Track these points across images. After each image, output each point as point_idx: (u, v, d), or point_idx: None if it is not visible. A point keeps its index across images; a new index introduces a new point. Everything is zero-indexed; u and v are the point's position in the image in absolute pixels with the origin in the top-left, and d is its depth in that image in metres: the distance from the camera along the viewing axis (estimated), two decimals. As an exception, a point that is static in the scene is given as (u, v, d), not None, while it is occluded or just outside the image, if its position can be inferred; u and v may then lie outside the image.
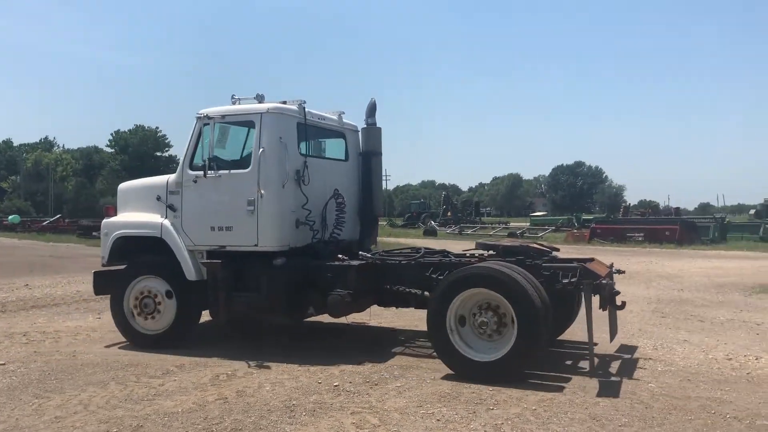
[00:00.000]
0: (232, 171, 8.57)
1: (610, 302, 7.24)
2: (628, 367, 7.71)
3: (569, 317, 8.51)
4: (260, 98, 8.58)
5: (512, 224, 54.04)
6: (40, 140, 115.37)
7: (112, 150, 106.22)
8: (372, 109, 9.47)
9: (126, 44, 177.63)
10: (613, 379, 7.19)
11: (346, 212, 9.07)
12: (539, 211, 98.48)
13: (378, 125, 9.57)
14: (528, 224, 55.18)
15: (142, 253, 9.09)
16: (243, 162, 8.75)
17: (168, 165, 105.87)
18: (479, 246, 8.51)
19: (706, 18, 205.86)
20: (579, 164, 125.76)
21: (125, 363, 8.03)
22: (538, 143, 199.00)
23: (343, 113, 9.62)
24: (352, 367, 7.68)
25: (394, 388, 6.89)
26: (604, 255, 16.29)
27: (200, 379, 7.27)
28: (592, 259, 8.10)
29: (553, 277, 7.44)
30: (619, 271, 8.40)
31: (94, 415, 6.06)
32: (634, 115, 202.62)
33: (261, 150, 8.24)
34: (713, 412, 5.98)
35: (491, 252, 8.17)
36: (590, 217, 56.07)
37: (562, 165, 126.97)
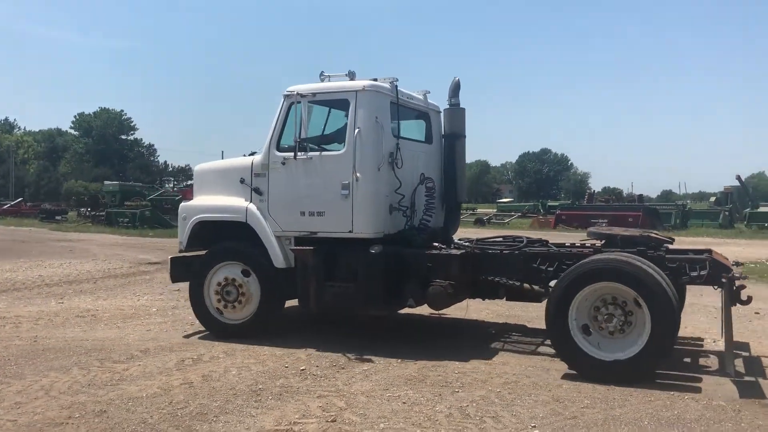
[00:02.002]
0: (324, 153, 8.07)
1: (737, 297, 6.56)
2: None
3: None
4: (352, 75, 8.06)
5: (479, 210, 54.40)
6: (0, 122, 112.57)
7: (76, 133, 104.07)
8: (456, 89, 8.84)
9: (89, 25, 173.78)
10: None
11: (435, 198, 8.64)
12: (506, 198, 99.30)
13: (462, 106, 8.95)
14: (495, 210, 55.71)
15: (223, 238, 8.66)
16: (335, 142, 8.28)
17: (133, 148, 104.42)
18: (592, 235, 7.93)
19: (669, 9, 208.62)
20: (545, 151, 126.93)
21: (88, 348, 7.92)
22: (506, 131, 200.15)
23: (428, 92, 9.12)
24: (319, 352, 7.68)
25: (361, 371, 6.91)
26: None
27: (165, 364, 7.20)
28: (710, 251, 7.46)
29: (679, 270, 6.95)
30: (738, 263, 7.59)
31: (56, 400, 5.96)
32: (599, 104, 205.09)
33: (357, 130, 7.77)
34: (673, 393, 6.12)
35: (603, 242, 7.58)
36: (556, 203, 56.65)
37: (529, 152, 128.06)
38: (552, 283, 7.26)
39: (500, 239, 8.53)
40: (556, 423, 5.40)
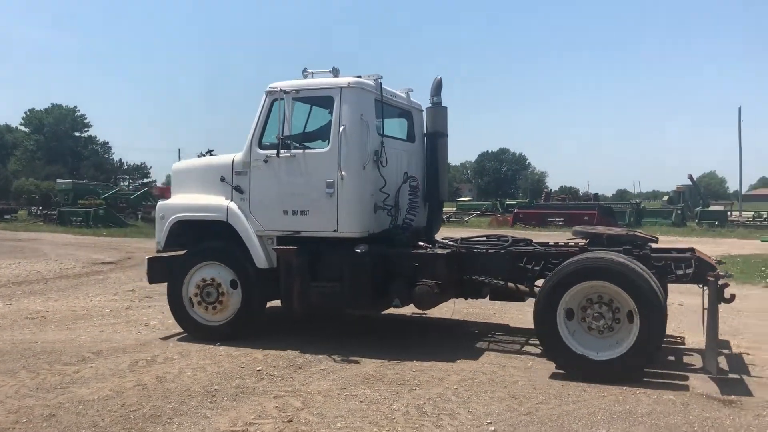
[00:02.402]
0: (308, 150, 7.96)
1: (721, 296, 6.51)
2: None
3: None
4: (335, 72, 7.95)
5: (439, 209, 54.62)
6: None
7: (27, 129, 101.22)
8: (438, 87, 8.71)
9: (39, 18, 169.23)
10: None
11: (419, 197, 8.57)
12: (465, 197, 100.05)
13: (444, 105, 8.83)
14: (455, 209, 56.09)
15: (202, 238, 8.46)
16: (318, 140, 8.16)
17: (87, 146, 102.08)
18: (578, 234, 7.88)
19: (624, 7, 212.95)
20: (504, 151, 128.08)
21: (37, 350, 7.71)
22: (466, 130, 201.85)
23: (411, 90, 9.05)
24: (276, 351, 7.62)
25: (318, 371, 6.88)
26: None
27: (118, 366, 7.06)
28: (693, 249, 7.53)
29: (665, 269, 7.01)
30: (720, 262, 7.53)
31: (2, 405, 5.79)
32: (556, 104, 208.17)
33: (342, 128, 7.67)
34: (625, 388, 6.24)
35: (587, 240, 7.55)
36: (513, 202, 57.37)
37: (488, 152, 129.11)
38: (539, 282, 7.26)
39: (484, 238, 8.53)
40: (512, 419, 5.46)
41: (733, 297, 6.54)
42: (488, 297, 8.26)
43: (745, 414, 5.55)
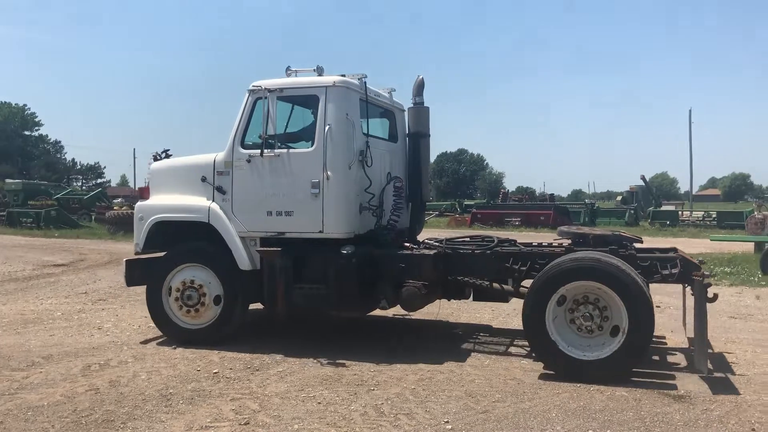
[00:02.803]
0: (293, 150, 7.84)
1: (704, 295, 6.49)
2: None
3: None
4: (320, 70, 7.84)
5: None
6: None
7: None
8: (420, 87, 8.63)
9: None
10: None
11: (403, 197, 8.46)
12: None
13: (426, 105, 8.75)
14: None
15: (182, 240, 8.25)
16: (302, 140, 8.04)
17: (38, 145, 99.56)
18: (562, 234, 7.87)
19: (584, 7, 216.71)
20: (462, 151, 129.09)
21: (-16, 356, 7.49)
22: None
23: (394, 90, 8.98)
24: (233, 354, 7.54)
25: (276, 373, 6.83)
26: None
27: (69, 370, 6.89)
28: (675, 249, 7.61)
29: (651, 268, 7.03)
30: (702, 261, 7.40)
31: (-53, 412, 5.60)
32: (514, 105, 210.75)
33: (327, 127, 7.56)
34: (578, 385, 6.33)
35: (570, 240, 7.55)
36: (472, 202, 57.85)
37: (447, 152, 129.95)
38: (525, 283, 7.26)
39: (468, 239, 8.51)
40: (468, 417, 5.50)
41: (716, 296, 6.59)
42: (471, 297, 8.29)
43: (693, 409, 5.69)
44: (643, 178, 46.54)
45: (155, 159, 34.67)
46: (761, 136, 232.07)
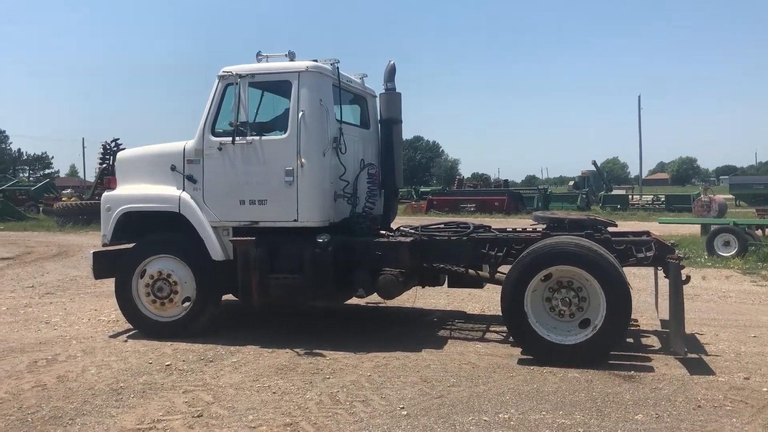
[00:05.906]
0: (265, 137, 7.63)
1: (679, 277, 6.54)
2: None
3: None
4: (292, 56, 7.68)
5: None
6: None
7: None
8: (391, 73, 8.48)
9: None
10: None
11: (377, 184, 8.28)
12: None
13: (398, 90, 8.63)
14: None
15: (152, 231, 8.03)
16: (274, 128, 7.83)
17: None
18: (537, 219, 7.88)
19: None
20: (418, 138, 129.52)
21: (-76, 354, 7.21)
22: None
23: (366, 76, 8.85)
24: (186, 345, 7.42)
25: (230, 363, 6.75)
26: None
27: (15, 367, 6.69)
28: (648, 233, 7.67)
29: (626, 252, 7.04)
30: (674, 244, 7.42)
31: None
32: (469, 93, 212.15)
33: (301, 113, 7.41)
34: (532, 368, 6.44)
35: (546, 225, 7.56)
36: (427, 189, 58.07)
37: (403, 139, 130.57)
38: (503, 269, 7.27)
39: (443, 226, 8.41)
40: (424, 403, 5.53)
41: (688, 278, 6.65)
42: (446, 284, 8.31)
43: (643, 388, 5.83)
44: (594, 163, 47.45)
45: (104, 149, 33.81)
46: (706, 121, 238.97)
